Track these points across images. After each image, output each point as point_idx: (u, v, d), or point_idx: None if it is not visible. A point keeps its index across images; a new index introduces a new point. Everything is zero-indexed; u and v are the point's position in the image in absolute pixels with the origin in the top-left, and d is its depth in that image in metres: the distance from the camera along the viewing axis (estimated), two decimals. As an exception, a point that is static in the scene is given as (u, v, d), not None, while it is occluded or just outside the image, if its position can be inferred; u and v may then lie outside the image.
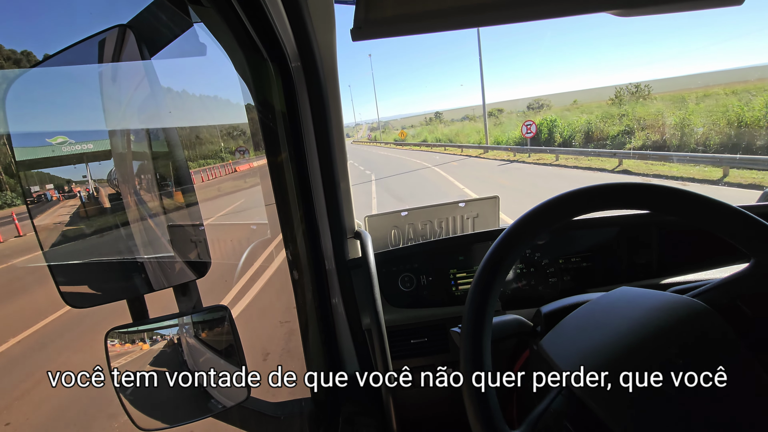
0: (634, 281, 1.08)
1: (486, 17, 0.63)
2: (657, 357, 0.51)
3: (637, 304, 0.59)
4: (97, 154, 0.61)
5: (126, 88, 0.65)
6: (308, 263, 1.01)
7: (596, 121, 17.15)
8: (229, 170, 11.98)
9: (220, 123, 11.19)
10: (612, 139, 15.46)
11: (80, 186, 0.58)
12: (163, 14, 0.64)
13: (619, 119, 16.45)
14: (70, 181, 0.58)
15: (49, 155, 0.55)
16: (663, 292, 0.59)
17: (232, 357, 0.65)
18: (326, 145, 0.98)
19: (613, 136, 15.59)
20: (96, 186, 0.60)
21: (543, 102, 36.24)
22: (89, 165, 0.58)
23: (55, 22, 6.80)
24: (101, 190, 0.60)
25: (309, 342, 1.06)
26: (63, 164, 0.56)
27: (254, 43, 0.77)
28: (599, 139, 16.05)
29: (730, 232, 0.53)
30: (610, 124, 16.46)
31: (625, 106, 18.05)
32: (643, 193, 0.57)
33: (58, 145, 0.56)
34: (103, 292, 0.61)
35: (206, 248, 0.68)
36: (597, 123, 16.99)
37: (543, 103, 35.88)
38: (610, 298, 0.64)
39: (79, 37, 0.59)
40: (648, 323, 0.55)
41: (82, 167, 0.58)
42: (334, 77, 0.94)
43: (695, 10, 0.66)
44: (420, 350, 1.09)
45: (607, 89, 30.78)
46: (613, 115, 17.04)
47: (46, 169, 0.57)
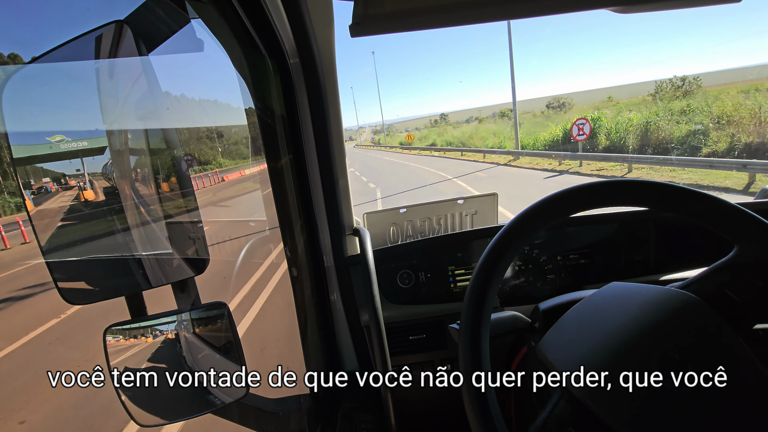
0: (632, 278, 1.09)
1: (485, 13, 0.63)
2: (654, 353, 0.51)
3: (629, 299, 0.60)
4: (94, 150, 0.61)
5: (123, 85, 0.64)
6: (307, 260, 1.01)
7: (656, 120, 13.56)
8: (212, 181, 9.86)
9: (217, 121, 10.73)
10: (679, 141, 12.43)
11: (76, 180, 0.58)
12: (160, 10, 0.64)
13: (684, 116, 13.19)
14: (65, 176, 0.57)
15: (46, 152, 0.55)
16: (653, 286, 0.60)
17: (231, 353, 0.65)
18: (325, 142, 0.98)
19: (681, 137, 12.41)
20: (90, 179, 0.60)
21: (564, 100, 33.65)
22: (86, 160, 0.58)
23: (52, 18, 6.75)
24: (95, 183, 0.60)
25: (308, 339, 1.06)
26: (60, 160, 0.56)
27: (252, 39, 0.77)
28: (661, 142, 13.17)
29: (715, 222, 0.56)
30: (673, 122, 13.15)
31: (690, 100, 15.06)
32: (636, 189, 0.58)
33: (56, 143, 0.56)
34: (101, 288, 0.61)
35: (205, 245, 0.67)
36: (658, 121, 13.42)
37: (564, 101, 33.51)
38: (603, 295, 0.64)
39: (76, 33, 0.58)
40: (642, 318, 0.55)
41: (78, 163, 0.57)
42: (332, 73, 0.94)
43: (692, 7, 0.66)
44: (419, 347, 1.09)
45: (642, 85, 28.42)
46: (676, 111, 13.70)
47: (43, 164, 0.56)
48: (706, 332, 0.52)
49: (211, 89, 8.54)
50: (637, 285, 0.62)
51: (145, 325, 0.61)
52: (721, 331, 0.51)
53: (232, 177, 9.99)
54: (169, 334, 0.62)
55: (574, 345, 0.59)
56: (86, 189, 0.59)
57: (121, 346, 0.58)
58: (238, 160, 11.26)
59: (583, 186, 0.60)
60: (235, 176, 9.96)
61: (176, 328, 0.63)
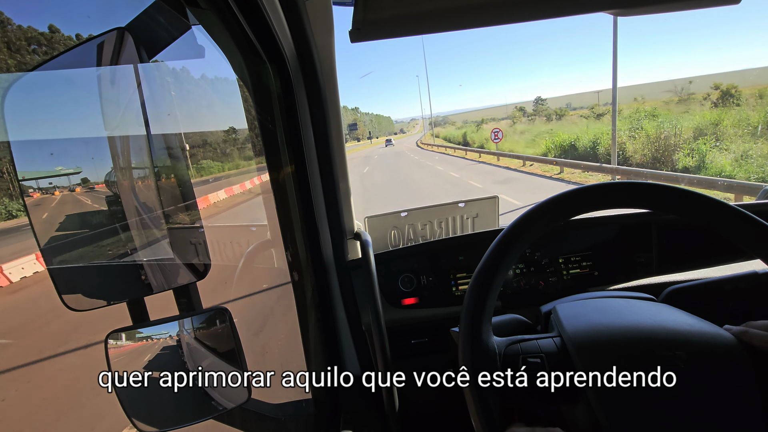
0: (633, 280, 1.08)
1: (484, 18, 0.64)
2: (663, 354, 0.51)
3: (669, 312, 0.59)
4: (96, 155, 0.61)
5: (125, 91, 0.65)
6: (308, 264, 1.01)
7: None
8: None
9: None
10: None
11: (78, 186, 0.58)
12: (161, 17, 0.65)
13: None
14: (69, 182, 0.58)
15: (48, 158, 0.56)
16: (701, 321, 0.56)
17: (233, 358, 0.65)
18: (325, 147, 0.98)
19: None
20: (92, 186, 0.60)
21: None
22: (87, 166, 0.59)
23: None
24: (97, 189, 0.60)
25: (310, 343, 1.06)
26: (62, 165, 0.56)
27: (252, 45, 0.78)
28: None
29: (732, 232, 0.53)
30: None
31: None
32: (642, 192, 0.57)
33: (58, 144, 0.56)
34: (103, 294, 0.61)
35: (206, 250, 0.68)
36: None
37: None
38: (650, 304, 0.63)
39: (78, 40, 0.59)
40: (672, 333, 0.54)
41: (80, 168, 0.58)
42: (333, 79, 0.94)
43: (691, 9, 0.66)
44: (421, 350, 1.09)
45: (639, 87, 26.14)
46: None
47: (44, 169, 0.57)
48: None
49: (212, 95, 8.54)
50: (685, 313, 0.59)
51: (147, 331, 0.61)
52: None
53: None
54: (170, 339, 0.62)
55: (588, 317, 0.59)
56: (86, 192, 0.59)
57: (123, 352, 0.58)
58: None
59: (584, 188, 0.59)
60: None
61: (178, 333, 0.63)
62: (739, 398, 0.48)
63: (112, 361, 0.57)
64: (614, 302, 0.64)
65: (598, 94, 32.09)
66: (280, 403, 1.01)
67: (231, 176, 10.62)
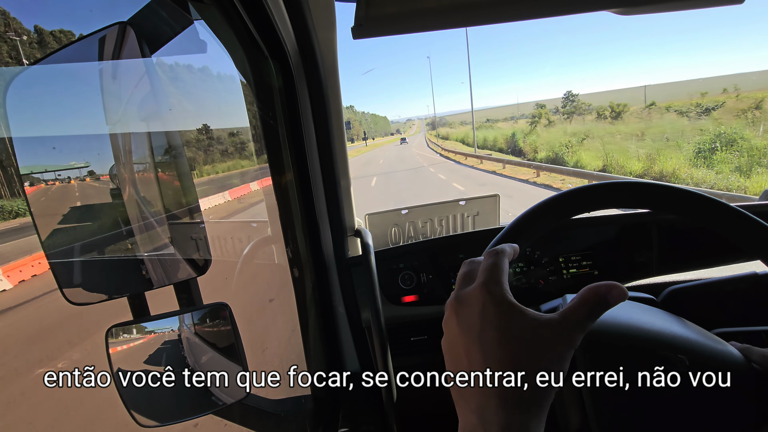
0: (633, 280, 1.08)
1: (487, 15, 0.63)
2: (667, 356, 0.51)
3: (687, 326, 0.57)
4: (98, 149, 0.61)
5: (127, 86, 0.65)
6: (308, 261, 1.01)
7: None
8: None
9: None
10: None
11: (77, 180, 0.58)
12: (163, 11, 0.64)
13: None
14: (68, 177, 0.58)
15: (50, 154, 0.56)
16: (719, 341, 0.55)
17: (233, 354, 0.65)
18: (327, 143, 0.98)
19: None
20: (94, 179, 0.60)
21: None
22: (89, 161, 0.59)
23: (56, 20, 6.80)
24: (98, 183, 0.60)
25: (309, 340, 1.06)
26: (63, 160, 0.56)
27: (255, 41, 0.77)
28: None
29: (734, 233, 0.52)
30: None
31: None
32: (643, 192, 0.57)
33: (59, 143, 0.56)
34: (103, 289, 0.61)
35: (207, 245, 0.68)
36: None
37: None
38: (654, 310, 0.62)
39: (79, 34, 0.59)
40: (678, 338, 0.53)
41: (81, 163, 0.58)
42: (334, 75, 0.94)
43: (695, 8, 0.66)
44: (420, 347, 1.09)
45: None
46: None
47: (46, 164, 0.57)
48: None
49: (213, 90, 8.49)
50: (705, 332, 0.58)
51: (148, 326, 0.61)
52: None
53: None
54: (171, 334, 0.62)
55: None
56: (86, 186, 0.59)
57: (123, 347, 0.59)
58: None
59: (584, 188, 0.59)
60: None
61: (178, 328, 0.63)
62: (737, 413, 0.48)
63: (112, 355, 0.57)
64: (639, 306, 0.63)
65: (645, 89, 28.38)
66: (280, 398, 1.01)
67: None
